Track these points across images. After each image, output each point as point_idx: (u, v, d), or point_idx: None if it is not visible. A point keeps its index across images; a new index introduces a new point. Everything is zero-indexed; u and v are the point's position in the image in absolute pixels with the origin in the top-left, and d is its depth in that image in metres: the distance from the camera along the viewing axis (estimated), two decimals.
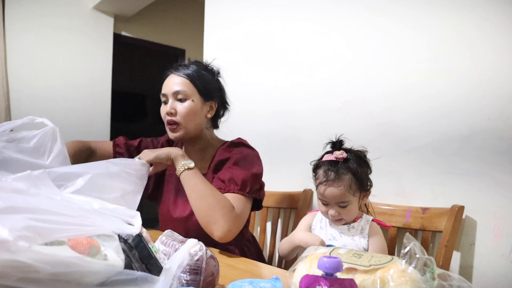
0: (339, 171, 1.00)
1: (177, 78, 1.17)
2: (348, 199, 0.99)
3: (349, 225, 1.03)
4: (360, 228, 1.02)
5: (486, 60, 1.08)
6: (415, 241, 0.54)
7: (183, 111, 1.14)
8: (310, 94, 1.55)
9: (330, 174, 1.00)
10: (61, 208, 0.49)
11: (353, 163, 1.01)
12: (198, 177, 1.03)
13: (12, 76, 2.93)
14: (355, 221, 1.03)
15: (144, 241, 0.60)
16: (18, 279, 0.42)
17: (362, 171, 1.01)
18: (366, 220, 1.04)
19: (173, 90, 1.15)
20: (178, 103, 1.15)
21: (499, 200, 1.04)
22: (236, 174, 1.07)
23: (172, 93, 1.15)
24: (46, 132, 0.88)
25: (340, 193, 0.98)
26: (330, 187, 0.99)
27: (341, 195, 0.98)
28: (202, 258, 0.69)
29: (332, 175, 1.00)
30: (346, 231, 1.03)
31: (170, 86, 1.16)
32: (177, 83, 1.16)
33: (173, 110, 1.14)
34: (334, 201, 1.00)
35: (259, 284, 0.62)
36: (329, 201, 1.00)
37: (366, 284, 0.54)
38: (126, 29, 3.72)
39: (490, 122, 1.06)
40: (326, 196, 1.00)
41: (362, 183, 1.01)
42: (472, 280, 1.08)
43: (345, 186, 0.98)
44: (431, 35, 1.19)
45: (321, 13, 1.51)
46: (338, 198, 0.99)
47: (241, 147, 1.17)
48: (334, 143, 1.06)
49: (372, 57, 1.34)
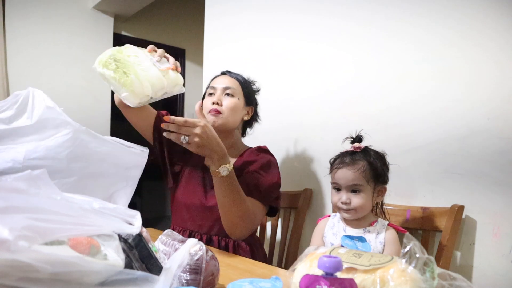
0: (355, 157, 1.03)
1: (229, 78, 1.30)
2: (361, 183, 0.99)
3: (365, 228, 1.03)
4: (376, 232, 1.02)
5: (486, 60, 1.08)
6: (415, 241, 0.54)
7: (228, 103, 1.24)
8: (310, 93, 1.55)
9: (345, 159, 1.04)
10: (61, 208, 0.49)
11: (370, 154, 1.04)
12: (234, 183, 1.06)
13: (12, 76, 2.93)
14: (371, 225, 1.03)
15: (144, 241, 0.60)
16: (18, 278, 0.42)
17: (379, 162, 1.03)
18: (382, 224, 1.03)
19: (224, 85, 1.26)
20: (225, 97, 1.25)
21: (499, 200, 1.04)
22: (260, 181, 1.17)
23: (222, 87, 1.26)
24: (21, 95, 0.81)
25: (353, 175, 0.99)
26: (344, 169, 1.01)
27: (354, 178, 0.99)
28: (202, 258, 0.69)
29: (347, 159, 1.03)
30: (362, 235, 1.02)
31: (222, 82, 1.28)
32: (228, 81, 1.28)
33: (220, 100, 1.24)
34: (346, 184, 1.00)
35: (259, 284, 0.62)
36: (341, 183, 1.01)
37: (366, 284, 0.54)
38: (126, 29, 3.72)
39: (490, 122, 1.06)
40: (339, 178, 1.01)
41: (377, 173, 1.01)
42: (472, 279, 1.08)
43: (359, 169, 1.00)
44: (431, 35, 1.19)
45: (320, 12, 1.52)
46: (351, 180, 0.99)
47: (267, 154, 1.28)
48: (354, 139, 1.09)
49: (372, 57, 1.34)
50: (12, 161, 0.76)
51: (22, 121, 0.81)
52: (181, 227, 1.25)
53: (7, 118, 0.80)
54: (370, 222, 1.04)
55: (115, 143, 0.90)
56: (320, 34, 1.52)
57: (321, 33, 1.51)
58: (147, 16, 3.79)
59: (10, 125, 0.80)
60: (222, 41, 1.98)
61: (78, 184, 0.81)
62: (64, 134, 0.81)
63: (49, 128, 0.81)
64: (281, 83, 1.66)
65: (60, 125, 0.81)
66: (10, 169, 0.75)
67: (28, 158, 0.77)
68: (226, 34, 1.95)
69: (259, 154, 1.26)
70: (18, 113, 0.81)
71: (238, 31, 1.89)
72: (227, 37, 1.95)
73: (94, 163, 0.85)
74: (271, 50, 1.71)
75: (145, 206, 4.03)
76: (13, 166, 0.76)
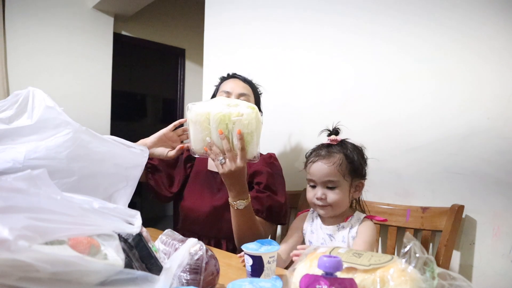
0: (330, 150, 0.98)
1: (241, 83, 1.31)
2: (336, 179, 0.95)
3: (339, 225, 1.00)
4: (350, 226, 0.99)
5: (486, 59, 1.08)
6: (415, 241, 0.54)
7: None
8: (310, 93, 1.55)
9: (321, 151, 0.99)
10: (61, 208, 0.49)
11: (347, 147, 0.99)
12: (249, 214, 1.10)
13: (12, 76, 2.93)
14: (345, 221, 1.00)
15: (144, 241, 0.60)
16: (18, 278, 0.42)
17: (356, 156, 0.98)
18: (357, 218, 1.00)
19: (240, 91, 1.27)
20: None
21: (499, 200, 1.04)
22: (272, 202, 1.19)
23: (238, 93, 1.26)
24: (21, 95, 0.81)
25: (329, 169, 0.94)
26: (319, 162, 0.96)
27: (330, 172, 0.94)
28: (202, 258, 0.69)
29: (323, 152, 0.98)
30: (336, 232, 0.99)
31: (236, 86, 1.28)
32: (242, 87, 1.29)
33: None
34: (321, 180, 0.95)
35: (259, 284, 0.62)
36: (316, 179, 0.96)
37: (366, 284, 0.54)
38: (126, 28, 3.72)
39: (489, 122, 1.06)
40: (314, 173, 0.96)
41: (354, 167, 0.97)
42: (472, 279, 1.08)
43: (335, 163, 0.95)
44: (431, 35, 1.19)
45: (321, 11, 1.51)
46: (326, 175, 0.95)
47: (276, 165, 1.30)
48: (330, 131, 1.05)
49: (372, 57, 1.34)
50: (12, 161, 0.76)
51: (22, 121, 0.81)
52: (189, 232, 1.26)
53: (7, 118, 0.80)
54: (344, 218, 1.00)
55: (116, 142, 0.90)
56: (320, 34, 1.52)
57: (322, 33, 1.51)
58: (147, 16, 3.79)
59: (10, 125, 0.80)
60: (222, 41, 1.98)
61: (78, 184, 0.81)
62: (64, 134, 0.81)
63: (49, 128, 0.81)
64: (281, 83, 1.66)
65: (60, 125, 0.81)
66: (10, 169, 0.75)
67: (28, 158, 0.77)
68: (226, 34, 1.95)
69: (269, 164, 1.28)
70: (18, 113, 0.81)
71: (238, 31, 1.88)
72: (227, 37, 1.95)
73: (94, 163, 0.85)
74: (271, 50, 1.71)
75: (145, 206, 4.03)
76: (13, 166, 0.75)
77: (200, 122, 1.02)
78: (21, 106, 0.82)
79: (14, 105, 0.81)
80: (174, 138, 1.25)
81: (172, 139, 1.24)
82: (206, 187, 1.28)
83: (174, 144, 1.24)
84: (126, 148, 0.99)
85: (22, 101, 0.81)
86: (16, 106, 0.81)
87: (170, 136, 1.24)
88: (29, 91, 0.82)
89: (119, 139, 0.93)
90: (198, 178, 1.31)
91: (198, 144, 1.05)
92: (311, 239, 1.05)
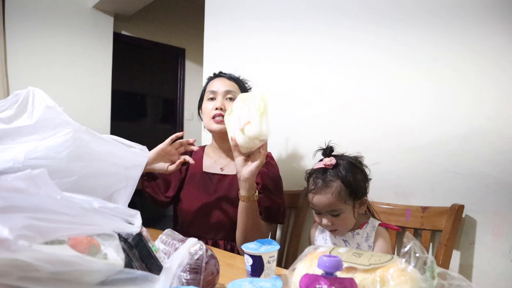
0: (326, 178, 0.96)
1: (227, 80, 1.32)
2: (338, 207, 0.95)
3: (353, 231, 1.01)
4: (366, 235, 0.99)
5: (486, 59, 1.08)
6: (415, 240, 0.54)
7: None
8: (310, 93, 1.55)
9: (318, 181, 0.97)
10: (61, 207, 0.49)
11: (343, 170, 0.97)
12: (257, 208, 1.12)
13: (12, 76, 2.93)
14: (360, 228, 1.01)
15: (144, 240, 0.60)
16: (18, 278, 0.42)
17: (353, 178, 0.96)
18: (372, 226, 1.01)
19: (225, 89, 1.28)
20: (227, 101, 1.27)
21: (499, 199, 1.04)
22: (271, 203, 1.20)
23: (223, 91, 1.27)
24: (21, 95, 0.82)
25: (328, 201, 0.94)
26: (318, 195, 0.96)
27: (330, 203, 0.95)
28: (202, 257, 0.69)
29: (320, 182, 0.97)
30: (351, 239, 1.00)
31: (221, 85, 1.28)
32: (228, 84, 1.30)
33: (223, 106, 1.26)
34: (325, 210, 0.96)
35: (259, 283, 0.62)
36: (319, 209, 0.97)
37: (366, 283, 0.54)
38: (126, 28, 3.72)
39: (489, 121, 1.06)
40: (316, 204, 0.97)
41: (353, 190, 0.96)
42: (471, 279, 1.08)
43: (333, 193, 0.94)
44: (430, 35, 1.19)
45: (322, 9, 1.51)
46: (328, 206, 0.95)
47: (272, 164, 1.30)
48: (325, 150, 1.03)
49: (372, 57, 1.34)
50: (12, 161, 0.76)
51: (23, 120, 0.81)
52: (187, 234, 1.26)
53: (7, 118, 0.81)
54: (360, 225, 1.01)
55: (116, 142, 0.90)
56: (320, 30, 1.52)
57: (321, 29, 1.51)
58: (147, 16, 3.79)
59: (10, 124, 0.80)
60: (222, 41, 1.98)
61: (78, 184, 0.81)
62: (64, 134, 0.81)
63: (49, 127, 0.81)
64: (281, 83, 1.66)
65: (60, 125, 0.81)
66: (11, 169, 0.75)
67: (29, 158, 0.77)
68: (226, 34, 1.95)
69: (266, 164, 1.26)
70: (18, 112, 0.81)
71: (238, 30, 1.88)
72: (227, 37, 1.95)
73: (94, 163, 0.86)
74: (271, 50, 1.71)
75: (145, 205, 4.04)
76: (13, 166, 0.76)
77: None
78: (21, 106, 0.82)
79: (14, 105, 0.81)
80: (172, 152, 1.24)
81: (171, 153, 1.24)
82: (202, 188, 1.29)
83: (173, 157, 1.24)
84: (126, 148, 0.99)
85: (22, 101, 0.82)
86: (16, 106, 0.81)
87: (168, 151, 1.23)
88: (29, 91, 0.82)
89: (119, 139, 0.94)
90: (194, 180, 1.32)
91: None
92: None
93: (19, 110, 0.81)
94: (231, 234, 1.20)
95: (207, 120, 1.29)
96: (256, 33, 1.79)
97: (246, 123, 1.02)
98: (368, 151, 1.29)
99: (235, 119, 1.05)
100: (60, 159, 0.79)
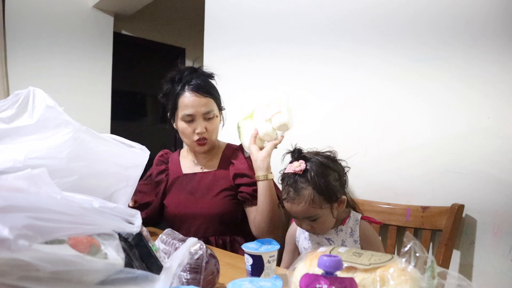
0: (297, 186, 0.91)
1: (203, 98, 1.23)
2: (314, 213, 0.91)
3: (337, 228, 0.99)
4: (350, 231, 0.98)
5: (486, 58, 1.08)
6: (415, 240, 0.54)
7: (213, 128, 1.26)
8: (310, 93, 1.55)
9: (289, 190, 0.92)
10: (61, 207, 0.49)
11: (314, 175, 0.90)
12: (273, 188, 1.16)
13: (12, 76, 2.93)
14: (342, 223, 0.99)
15: (144, 240, 0.60)
16: (19, 277, 0.42)
17: (326, 182, 0.90)
18: (355, 219, 0.99)
19: (203, 111, 1.23)
20: (207, 122, 1.25)
21: (499, 199, 1.04)
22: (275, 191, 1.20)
23: (202, 113, 1.23)
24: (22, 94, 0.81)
25: (302, 209, 0.90)
26: (291, 204, 0.92)
27: (305, 211, 0.90)
28: (202, 257, 0.69)
29: (291, 191, 0.92)
30: (335, 236, 0.98)
31: (198, 107, 1.22)
32: (204, 104, 1.23)
33: (205, 129, 1.24)
34: (301, 216, 0.93)
35: (259, 283, 0.62)
36: (296, 216, 0.94)
37: (366, 283, 0.54)
38: (126, 28, 3.72)
39: (490, 121, 1.06)
40: (291, 212, 0.94)
41: (327, 195, 0.90)
42: (471, 278, 1.08)
43: (307, 201, 0.89)
44: (430, 35, 1.19)
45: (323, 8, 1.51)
46: (303, 213, 0.91)
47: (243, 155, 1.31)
48: (292, 153, 0.97)
49: (372, 58, 1.34)
50: (12, 161, 0.76)
51: (23, 120, 0.81)
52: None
53: (8, 118, 0.80)
54: (342, 220, 0.98)
55: (116, 142, 0.90)
56: (320, 29, 1.52)
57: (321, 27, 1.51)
58: (147, 15, 3.78)
59: (10, 124, 0.80)
60: (222, 41, 1.98)
61: (79, 184, 0.81)
62: (64, 134, 0.81)
63: (49, 127, 0.81)
64: (281, 82, 1.66)
65: (61, 125, 0.81)
66: (11, 169, 0.75)
67: (29, 158, 0.77)
68: (226, 34, 1.95)
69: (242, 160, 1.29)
70: (18, 112, 0.81)
71: (238, 30, 1.88)
72: (227, 37, 1.95)
73: (95, 163, 0.85)
74: (271, 49, 1.71)
75: None
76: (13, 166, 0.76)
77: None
78: (22, 105, 0.82)
79: (15, 104, 0.81)
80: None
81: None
82: (185, 190, 1.29)
83: None
84: (126, 147, 0.99)
85: (23, 101, 0.82)
86: (17, 105, 0.81)
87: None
88: (29, 91, 0.82)
89: (119, 138, 0.93)
90: (175, 184, 1.32)
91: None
92: (306, 246, 1.03)
93: (20, 110, 0.81)
94: (220, 228, 1.22)
95: (190, 142, 1.27)
96: (256, 32, 1.79)
97: (276, 112, 1.10)
98: (368, 150, 1.29)
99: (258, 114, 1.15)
100: (60, 159, 0.79)
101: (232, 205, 1.25)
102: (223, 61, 1.95)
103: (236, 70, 1.84)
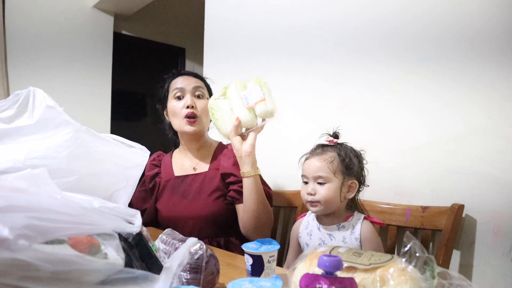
0: (325, 149, 1.01)
1: (193, 78, 1.28)
2: (326, 175, 0.96)
3: (339, 224, 1.00)
4: (351, 228, 0.99)
5: (486, 58, 1.08)
6: (415, 240, 0.54)
7: (202, 106, 1.24)
8: (310, 94, 1.55)
9: (316, 150, 1.03)
10: (62, 207, 0.49)
11: (343, 148, 1.01)
12: (261, 185, 1.10)
13: (12, 76, 2.93)
14: (345, 220, 1.00)
15: (144, 240, 0.60)
16: (19, 277, 0.42)
17: (350, 157, 1.00)
18: (358, 218, 1.01)
19: (193, 85, 1.26)
20: (196, 99, 1.25)
21: (499, 199, 1.04)
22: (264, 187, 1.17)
23: (191, 88, 1.24)
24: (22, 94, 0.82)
25: (319, 165, 0.97)
26: (312, 159, 1.00)
27: (320, 168, 0.97)
28: (202, 257, 0.69)
29: (318, 150, 1.02)
30: (336, 232, 1.00)
31: (188, 81, 1.25)
32: (195, 81, 1.28)
33: (194, 103, 1.23)
34: (312, 175, 0.98)
35: (259, 283, 0.62)
36: (308, 174, 0.99)
37: (366, 283, 0.54)
38: (126, 28, 3.72)
39: (490, 121, 1.06)
40: (306, 168, 1.00)
41: (346, 165, 0.98)
42: (471, 278, 1.08)
43: (326, 160, 0.98)
44: (431, 34, 1.19)
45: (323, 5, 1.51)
46: (317, 170, 0.97)
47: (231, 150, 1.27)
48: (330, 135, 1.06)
49: (372, 58, 1.34)
50: (12, 161, 0.76)
51: (23, 120, 0.81)
52: None
53: (8, 118, 0.81)
54: (345, 217, 1.01)
55: (116, 142, 0.90)
56: (320, 28, 1.52)
57: (322, 27, 1.51)
58: (147, 15, 3.78)
59: (10, 124, 0.80)
60: (222, 41, 1.98)
61: (79, 184, 0.81)
62: (64, 134, 0.81)
63: (49, 127, 0.81)
64: (281, 81, 1.66)
65: (61, 125, 0.81)
66: (11, 169, 0.75)
67: (29, 158, 0.77)
68: (226, 34, 1.95)
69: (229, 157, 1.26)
70: (18, 112, 0.81)
71: (238, 30, 1.88)
72: (227, 37, 1.95)
73: (95, 163, 0.85)
74: (271, 49, 1.71)
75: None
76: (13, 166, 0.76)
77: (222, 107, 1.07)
78: (22, 105, 0.82)
79: (15, 104, 0.81)
80: None
81: None
82: (177, 193, 1.28)
83: None
84: (126, 147, 0.99)
85: (23, 101, 0.82)
86: (17, 105, 0.81)
87: None
88: (29, 91, 0.82)
89: (119, 138, 0.93)
90: (167, 187, 1.31)
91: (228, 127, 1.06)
92: (308, 242, 1.04)
93: (20, 110, 0.81)
94: (215, 230, 1.21)
95: (179, 121, 1.25)
96: (256, 32, 1.79)
97: (260, 100, 1.04)
98: (368, 150, 1.29)
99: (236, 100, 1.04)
100: (60, 158, 0.79)
101: (224, 205, 1.22)
102: (223, 61, 1.95)
103: (236, 70, 1.84)
